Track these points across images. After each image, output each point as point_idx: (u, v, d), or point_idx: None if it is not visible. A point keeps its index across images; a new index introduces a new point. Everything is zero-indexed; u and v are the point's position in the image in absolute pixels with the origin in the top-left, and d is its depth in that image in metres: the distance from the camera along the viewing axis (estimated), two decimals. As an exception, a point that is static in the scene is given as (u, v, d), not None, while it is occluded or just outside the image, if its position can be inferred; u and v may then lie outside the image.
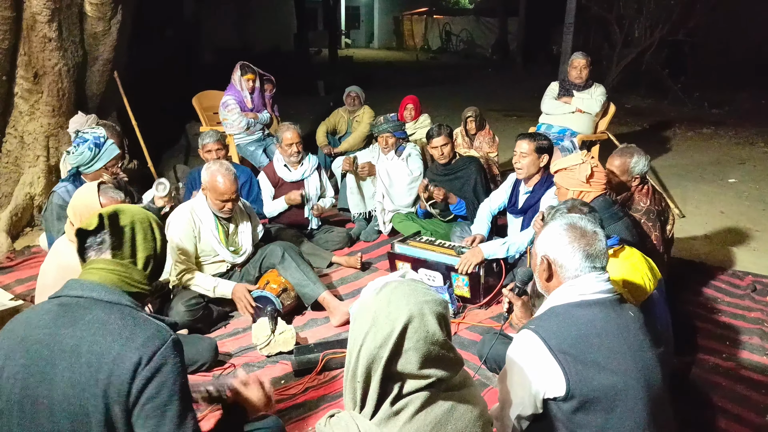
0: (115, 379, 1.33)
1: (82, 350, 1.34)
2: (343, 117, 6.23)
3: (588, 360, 1.58)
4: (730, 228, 5.06)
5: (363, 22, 31.15)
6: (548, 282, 1.80)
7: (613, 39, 11.64)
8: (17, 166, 4.80)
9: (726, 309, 3.60)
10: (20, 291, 3.68)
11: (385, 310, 1.30)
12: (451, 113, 8.54)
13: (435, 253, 3.70)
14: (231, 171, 3.37)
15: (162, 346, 1.38)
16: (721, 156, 7.74)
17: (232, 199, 3.36)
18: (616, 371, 1.58)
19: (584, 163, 3.01)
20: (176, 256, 3.34)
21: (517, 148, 3.64)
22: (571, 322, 1.65)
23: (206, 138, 4.29)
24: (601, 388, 1.57)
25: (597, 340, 1.61)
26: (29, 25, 4.46)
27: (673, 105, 11.48)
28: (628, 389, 1.58)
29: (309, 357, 2.89)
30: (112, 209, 1.56)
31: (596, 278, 1.70)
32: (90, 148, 3.47)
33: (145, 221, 1.58)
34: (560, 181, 3.10)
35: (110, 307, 1.43)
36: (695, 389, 2.78)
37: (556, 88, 5.45)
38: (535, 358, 1.62)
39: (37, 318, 1.41)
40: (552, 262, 1.76)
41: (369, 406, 1.32)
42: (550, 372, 1.59)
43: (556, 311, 1.71)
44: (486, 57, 21.98)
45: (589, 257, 1.71)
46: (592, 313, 1.66)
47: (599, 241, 1.74)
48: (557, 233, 1.76)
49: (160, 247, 1.60)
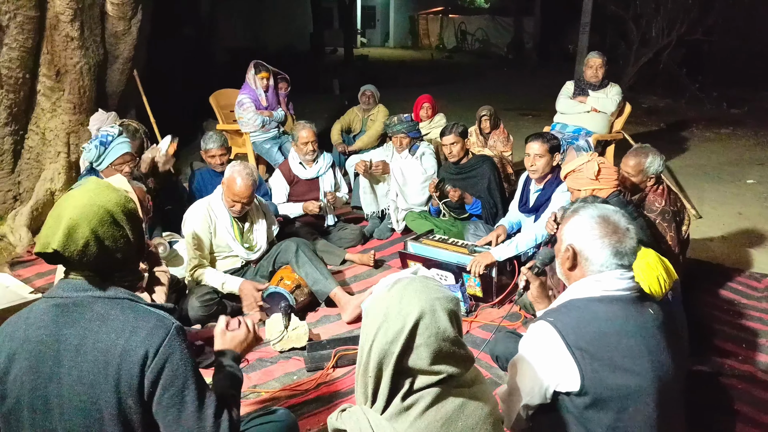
0: (124, 374, 1.35)
1: (87, 348, 1.36)
2: (357, 115, 6.26)
3: (604, 358, 1.56)
4: (747, 229, 5.00)
5: (379, 21, 31.14)
6: (570, 271, 1.75)
7: (629, 38, 11.52)
8: (38, 162, 4.88)
9: (743, 311, 3.57)
10: (40, 284, 3.75)
11: (396, 306, 1.31)
12: (466, 112, 8.52)
13: (448, 252, 3.71)
14: (251, 176, 3.40)
15: (167, 336, 1.39)
16: (739, 156, 7.65)
17: (243, 203, 3.41)
18: (632, 372, 1.56)
19: (591, 161, 3.02)
20: (191, 251, 3.39)
21: (530, 150, 3.62)
22: (590, 318, 1.62)
23: (209, 143, 4.23)
24: (615, 387, 1.55)
25: (615, 338, 1.59)
26: (52, 25, 4.54)
27: (691, 105, 11.35)
28: (641, 390, 1.56)
29: (321, 353, 2.92)
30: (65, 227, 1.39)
31: (620, 275, 1.66)
32: (96, 146, 3.56)
33: (105, 221, 1.43)
34: (572, 184, 3.12)
35: (108, 302, 1.43)
36: (710, 391, 2.76)
37: (571, 87, 5.43)
38: (551, 351, 1.60)
39: (37, 319, 1.41)
40: (578, 252, 1.71)
41: (380, 401, 1.33)
42: (565, 367, 1.58)
43: (576, 305, 1.68)
44: (501, 56, 21.89)
45: (617, 254, 1.66)
46: (612, 310, 1.63)
47: (630, 239, 1.68)
48: (589, 225, 1.70)
49: (132, 234, 1.49)
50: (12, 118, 4.65)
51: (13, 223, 4.45)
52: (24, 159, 4.88)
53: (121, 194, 1.50)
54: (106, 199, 1.46)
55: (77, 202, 1.43)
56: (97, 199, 1.45)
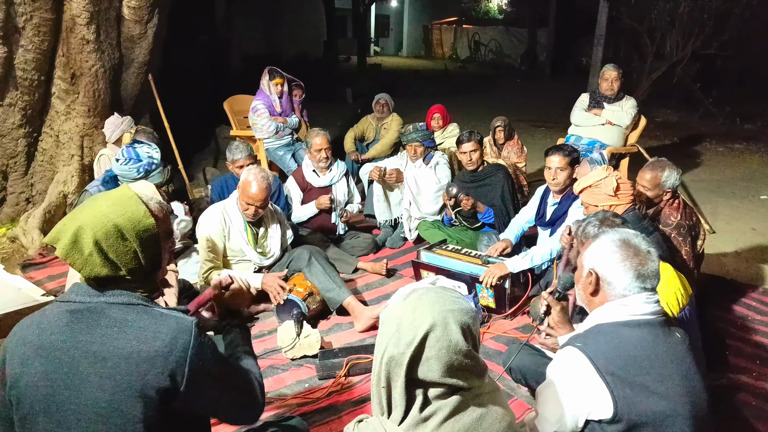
0: (151, 379, 1.33)
1: (107, 354, 1.33)
2: (371, 124, 6.26)
3: (637, 383, 1.53)
4: (761, 245, 4.96)
5: (392, 30, 31.30)
6: (592, 296, 1.74)
7: (643, 51, 11.49)
8: (52, 164, 4.91)
9: (756, 327, 3.53)
10: (51, 287, 3.75)
11: (409, 317, 1.31)
12: (479, 123, 8.53)
13: (461, 262, 3.69)
14: (266, 181, 3.40)
15: (191, 337, 1.39)
16: (753, 172, 7.60)
17: (256, 206, 3.41)
18: (665, 396, 1.53)
19: (608, 177, 2.96)
20: (205, 253, 3.40)
21: (551, 164, 3.59)
22: (619, 343, 1.60)
23: (237, 153, 4.14)
24: (649, 413, 1.52)
25: (647, 362, 1.56)
26: (68, 27, 4.57)
27: (705, 119, 11.31)
28: (676, 415, 1.52)
29: (333, 361, 2.89)
30: (72, 230, 1.40)
31: (646, 299, 1.64)
32: (139, 171, 3.48)
33: (110, 234, 1.39)
34: (587, 199, 3.05)
35: (124, 308, 1.40)
36: (724, 407, 2.72)
37: (586, 99, 5.41)
38: (581, 377, 1.57)
39: (50, 324, 1.39)
40: (601, 277, 1.70)
41: (397, 412, 1.32)
42: (597, 393, 1.54)
43: (603, 330, 1.65)
44: (514, 67, 21.93)
45: (640, 277, 1.64)
46: (641, 334, 1.61)
47: (652, 262, 1.67)
48: (609, 249, 1.70)
49: (143, 253, 1.44)
50: (26, 120, 4.69)
51: (26, 225, 4.47)
52: (37, 161, 4.91)
53: (140, 210, 1.45)
54: (121, 212, 1.42)
55: (94, 208, 1.43)
56: (111, 210, 1.42)
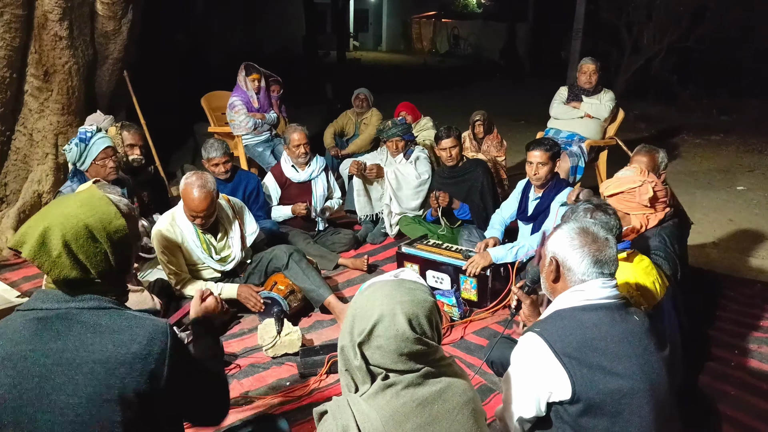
0: (130, 383, 1.31)
1: (81, 361, 1.30)
2: (350, 119, 6.23)
3: (593, 363, 1.59)
4: (738, 236, 5.02)
5: (371, 24, 31.18)
6: (554, 283, 1.80)
7: (621, 45, 11.60)
8: (26, 163, 4.81)
9: (735, 317, 3.57)
10: (27, 288, 3.70)
11: (363, 308, 1.39)
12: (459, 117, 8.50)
13: (442, 257, 3.69)
14: (206, 188, 3.12)
15: (167, 338, 1.38)
16: (729, 163, 7.70)
17: (201, 216, 3.17)
18: (622, 375, 1.59)
19: (643, 185, 2.68)
20: (166, 269, 3.28)
21: (532, 159, 3.57)
22: (576, 326, 1.66)
23: (212, 152, 4.01)
24: (606, 391, 1.57)
25: (602, 343, 1.62)
26: (40, 24, 4.47)
27: (682, 112, 11.43)
28: (634, 393, 1.58)
29: (315, 359, 2.88)
30: (39, 231, 1.35)
31: (603, 284, 1.70)
32: (77, 144, 3.43)
33: (80, 235, 1.36)
34: (617, 206, 2.67)
35: (96, 312, 1.37)
36: (703, 398, 2.75)
37: (565, 92, 5.44)
38: (540, 361, 1.63)
39: (15, 334, 1.33)
40: (561, 263, 1.76)
41: (363, 389, 1.39)
42: (555, 375, 1.60)
43: (561, 314, 1.72)
44: (494, 61, 21.95)
45: (597, 263, 1.71)
46: (597, 317, 1.67)
47: (610, 248, 1.74)
48: (569, 236, 1.76)
49: (113, 254, 1.40)
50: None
51: (0, 226, 4.38)
52: (11, 160, 4.80)
53: (111, 211, 1.42)
54: (91, 212, 1.39)
55: (62, 209, 1.39)
56: (81, 210, 1.38)
